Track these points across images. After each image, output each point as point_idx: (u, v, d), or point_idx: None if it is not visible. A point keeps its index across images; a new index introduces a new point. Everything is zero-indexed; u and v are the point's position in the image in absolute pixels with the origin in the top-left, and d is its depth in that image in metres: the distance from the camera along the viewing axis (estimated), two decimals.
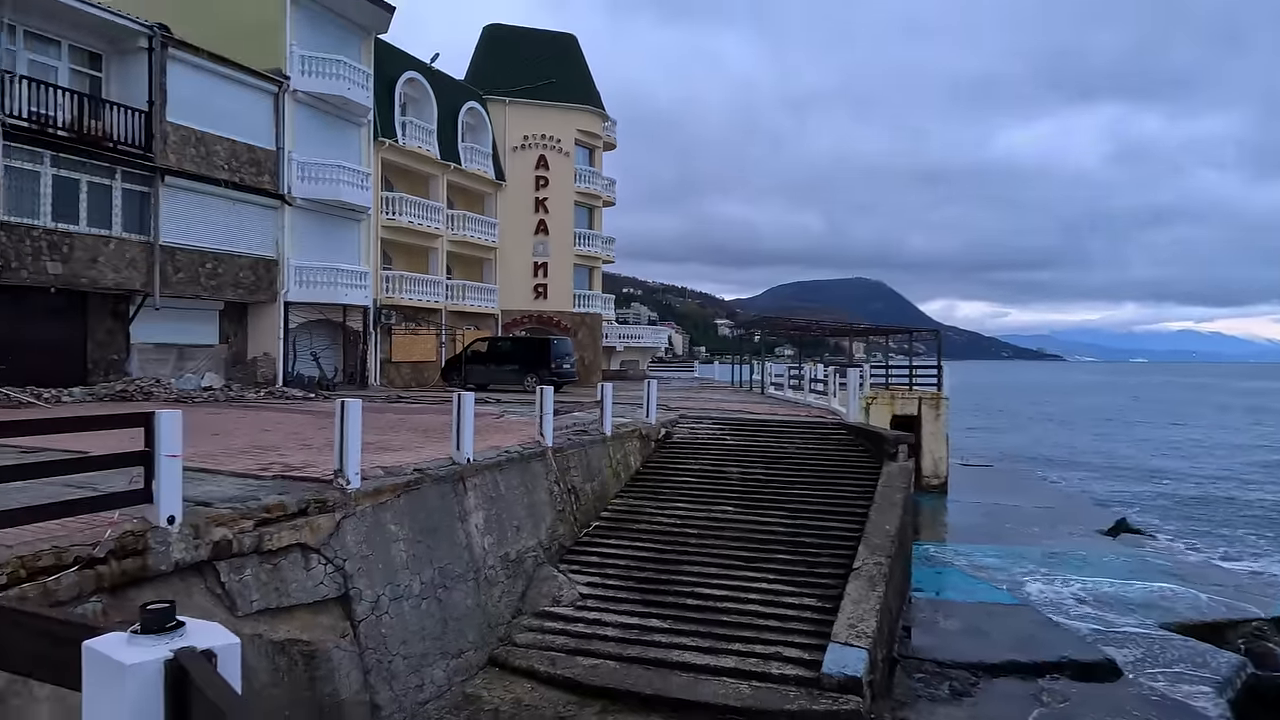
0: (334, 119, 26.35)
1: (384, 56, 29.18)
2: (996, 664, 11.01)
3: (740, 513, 13.67)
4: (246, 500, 7.79)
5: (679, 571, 11.85)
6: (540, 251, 36.52)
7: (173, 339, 22.25)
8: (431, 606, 9.43)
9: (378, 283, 28.51)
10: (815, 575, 11.63)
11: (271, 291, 24.23)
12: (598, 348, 39.38)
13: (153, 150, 20.51)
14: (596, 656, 9.87)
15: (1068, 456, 45.06)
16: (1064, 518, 24.97)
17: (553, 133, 36.65)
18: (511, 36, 38.61)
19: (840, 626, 9.80)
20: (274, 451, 10.84)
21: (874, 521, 12.50)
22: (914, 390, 29.46)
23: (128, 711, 1.48)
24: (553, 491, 12.54)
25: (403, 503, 9.43)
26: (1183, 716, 9.98)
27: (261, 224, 23.88)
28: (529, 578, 11.37)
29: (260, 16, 24.46)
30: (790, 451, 16.34)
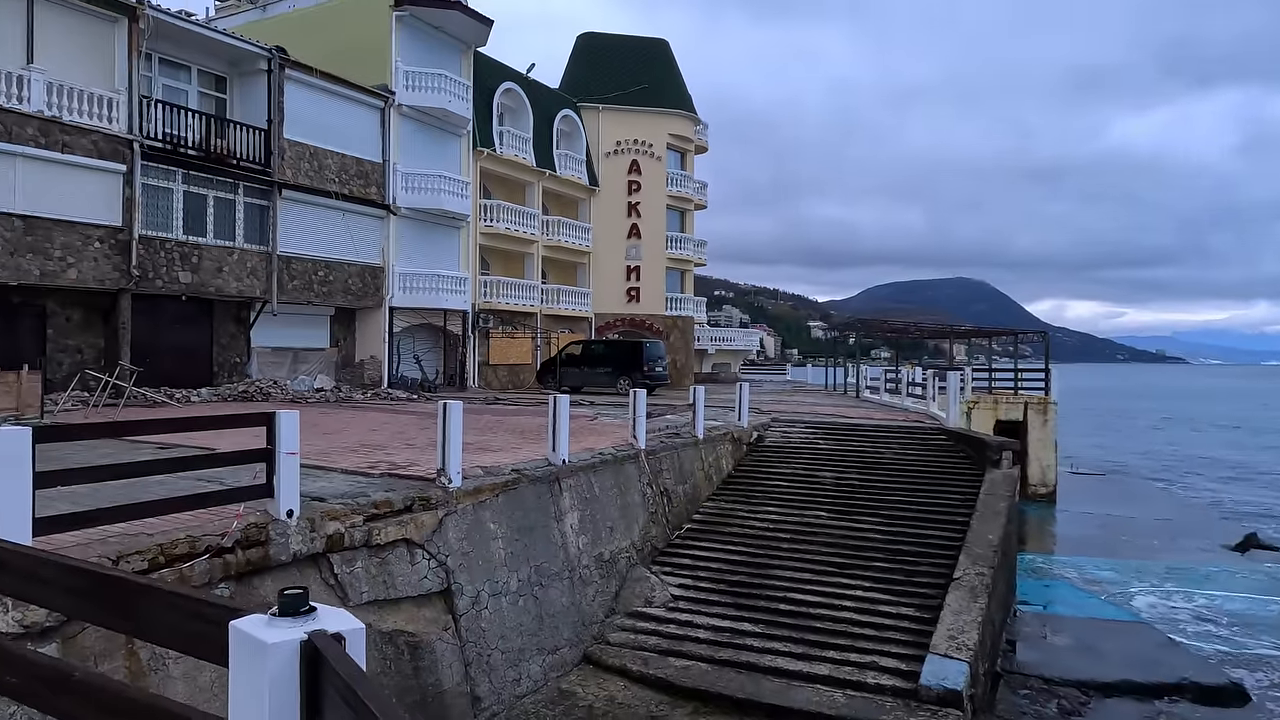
0: (435, 130, 27.34)
1: (482, 68, 30.09)
2: (1110, 683, 10.48)
3: (834, 518, 13.47)
4: (357, 496, 8.22)
5: (771, 576, 11.78)
6: (633, 255, 36.87)
7: (288, 343, 23.56)
8: (528, 603, 9.70)
9: (476, 288, 29.40)
10: (913, 584, 11.36)
11: (378, 297, 25.35)
12: (689, 351, 39.43)
13: (271, 166, 21.80)
14: (688, 658, 9.93)
15: (1189, 466, 42.25)
16: (1185, 531, 23.50)
17: (645, 138, 36.95)
18: (605, 44, 39.15)
19: (940, 637, 9.54)
20: (381, 450, 11.36)
21: (976, 530, 12.10)
22: (1019, 395, 28.30)
23: (268, 684, 1.63)
24: (645, 493, 12.68)
25: (501, 502, 9.74)
26: None
27: (369, 233, 25.02)
28: (622, 578, 11.53)
29: (369, 36, 25.64)
30: (886, 457, 15.99)
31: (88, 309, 19.07)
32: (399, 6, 25.50)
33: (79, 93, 17.65)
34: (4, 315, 17.71)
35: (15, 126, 16.62)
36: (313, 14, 26.93)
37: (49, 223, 17.25)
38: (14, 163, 16.65)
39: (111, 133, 18.20)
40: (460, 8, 26.59)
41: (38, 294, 18.06)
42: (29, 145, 16.83)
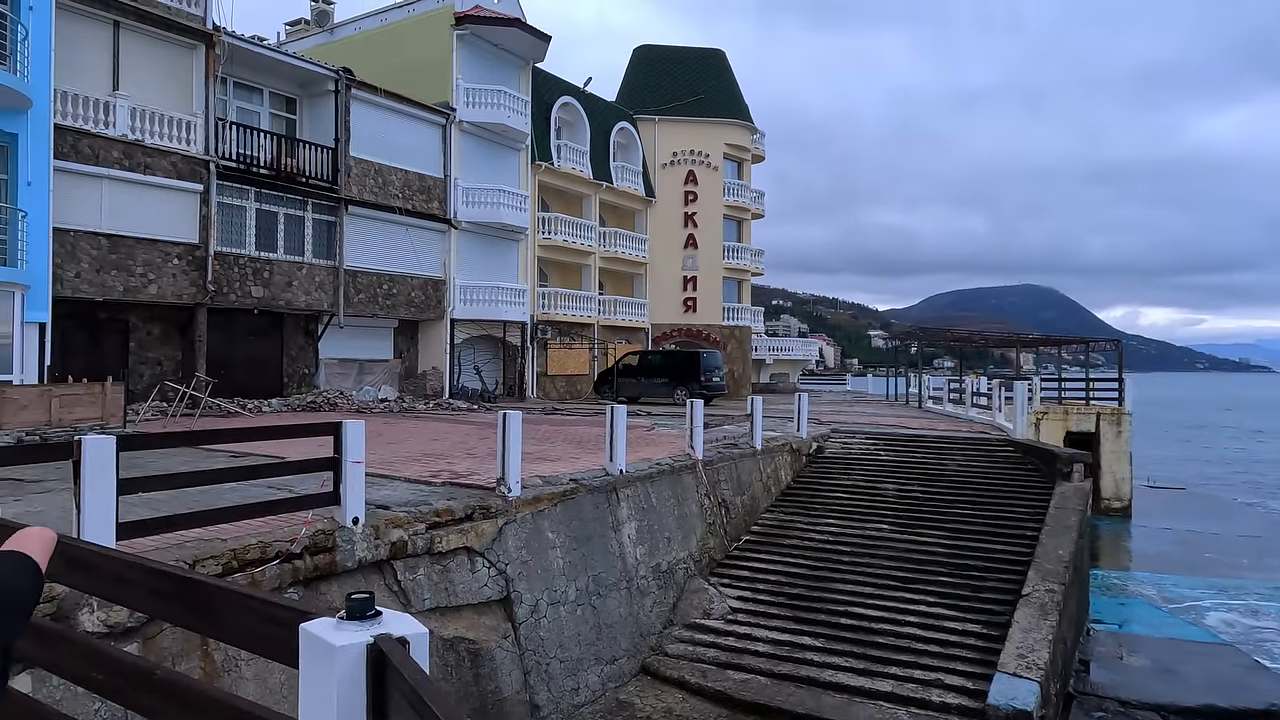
0: (495, 145, 27.84)
1: (540, 83, 30.55)
2: (1191, 708, 10.01)
3: (897, 531, 13.20)
4: (419, 505, 8.39)
5: (831, 589, 11.60)
6: (689, 265, 36.87)
7: (354, 354, 24.21)
8: (586, 613, 9.74)
9: (534, 299, 29.77)
10: (980, 600, 11.05)
11: (440, 309, 25.87)
12: (747, 361, 39.20)
13: (338, 183, 22.49)
14: (747, 671, 9.84)
15: (1269, 479, 40.15)
16: (1273, 549, 22.32)
17: (701, 148, 36.99)
18: (661, 56, 39.37)
19: (1008, 656, 9.24)
20: (442, 459, 11.57)
21: (1045, 545, 11.71)
22: (1091, 405, 27.34)
23: (336, 685, 1.68)
24: (703, 504, 12.63)
25: (559, 511, 9.82)
26: None
27: (431, 247, 25.58)
28: (680, 589, 11.49)
29: (430, 55, 26.30)
30: (951, 469, 15.61)
31: (167, 323, 19.92)
32: (460, 25, 26.10)
33: (160, 116, 18.51)
34: (90, 329, 18.63)
35: (102, 150, 17.51)
36: (377, 35, 27.76)
37: (131, 241, 18.10)
38: (100, 185, 17.54)
39: (190, 154, 19.03)
40: (519, 25, 27.07)
41: (121, 309, 18.94)
42: (114, 168, 17.71)
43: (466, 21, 26.11)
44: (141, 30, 18.57)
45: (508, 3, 27.74)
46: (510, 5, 27.77)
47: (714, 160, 37.18)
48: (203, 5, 19.45)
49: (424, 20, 26.74)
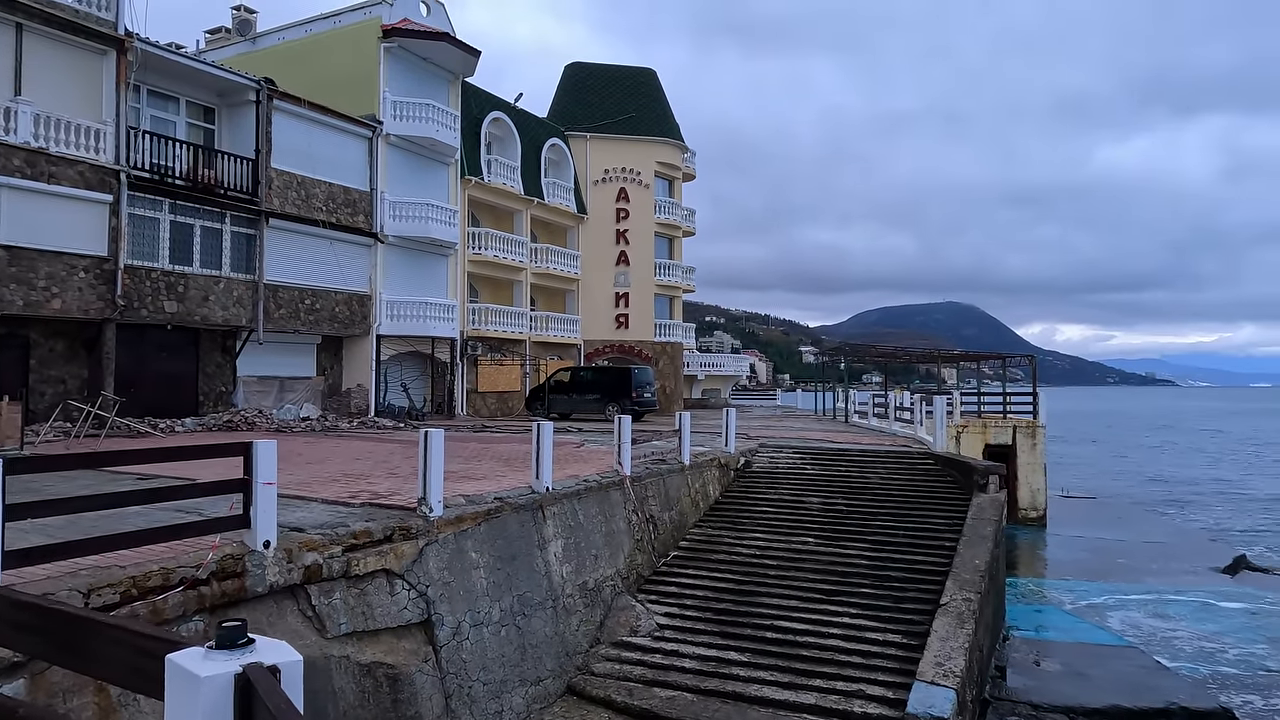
0: (423, 159, 27.51)
1: (470, 98, 30.36)
2: (1098, 709, 10.42)
3: (821, 544, 13.41)
4: (336, 526, 8.14)
5: (757, 603, 11.69)
6: (621, 282, 37.01)
7: (274, 372, 23.48)
8: (511, 633, 9.59)
9: (464, 315, 29.42)
10: (901, 610, 11.29)
11: (365, 325, 25.33)
12: (679, 376, 39.47)
13: (259, 195, 21.86)
14: (674, 688, 9.82)
15: (1180, 489, 42.33)
16: (1176, 554, 23.50)
17: (633, 165, 37.27)
18: (592, 74, 39.59)
19: (926, 664, 9.45)
20: (363, 480, 11.29)
21: (963, 555, 12.05)
22: (1008, 418, 28.39)
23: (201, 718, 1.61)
24: (631, 521, 12.61)
25: (483, 530, 9.66)
26: None
27: (356, 261, 25.06)
28: (607, 607, 11.43)
29: (357, 67, 25.88)
30: (873, 482, 15.97)
31: (72, 339, 18.98)
32: (387, 38, 25.77)
33: (66, 124, 17.71)
34: None
35: (2, 158, 16.64)
36: (301, 46, 27.20)
37: (34, 253, 17.22)
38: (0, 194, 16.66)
39: (98, 163, 18.24)
40: (449, 39, 26.88)
41: (22, 324, 17.97)
42: (15, 176, 16.84)
43: (394, 35, 25.80)
44: (47, 34, 17.77)
45: (437, 17, 27.53)
46: (440, 19, 27.58)
47: (645, 178, 37.51)
48: (114, 9, 18.73)
49: (350, 32, 26.33)
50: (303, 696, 1.73)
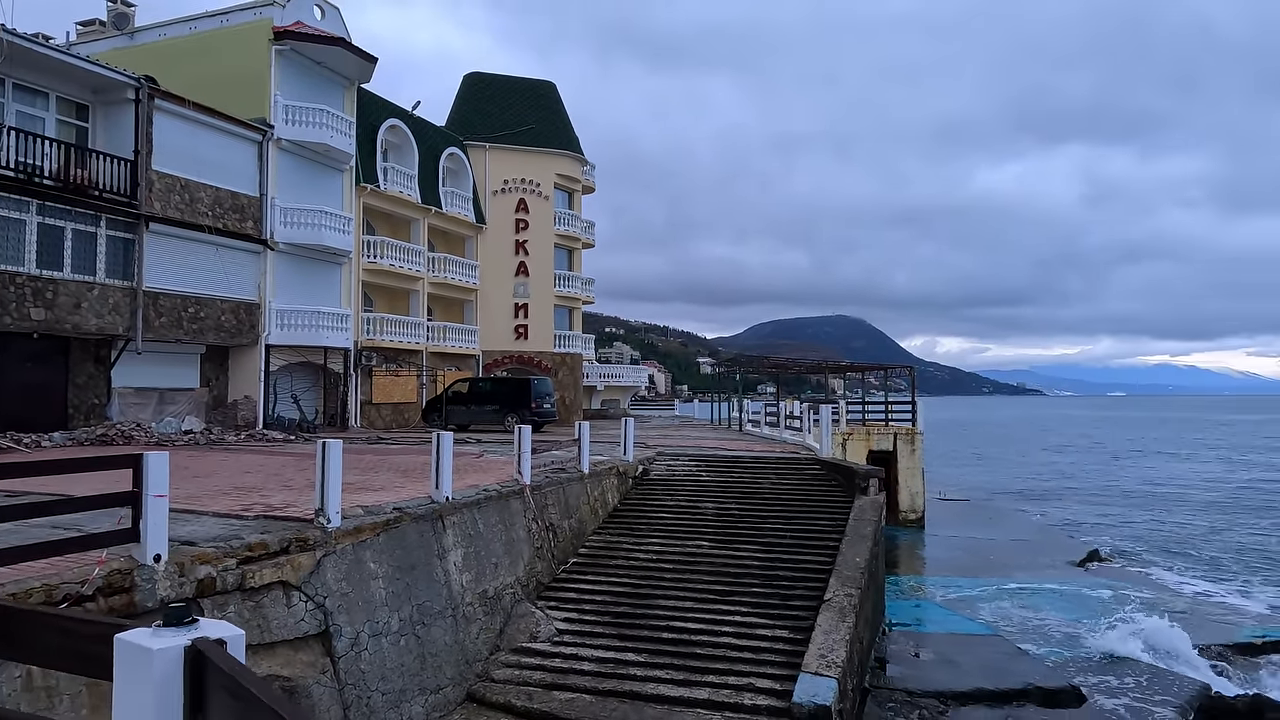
0: (317, 165, 26.85)
1: (367, 104, 29.85)
2: (965, 692, 11.30)
3: (715, 547, 13.95)
4: (230, 539, 8.03)
5: (655, 606, 12.08)
6: (521, 293, 37.01)
7: (154, 383, 22.37)
8: (410, 643, 9.62)
9: (359, 325, 28.80)
10: (788, 607, 11.90)
11: (253, 335, 24.46)
12: (578, 387, 39.71)
13: (138, 198, 20.86)
14: (573, 690, 10.07)
15: (1044, 489, 45.61)
16: (1038, 549, 25.37)
17: (532, 177, 37.40)
18: (492, 84, 39.53)
19: (811, 657, 10.05)
20: (256, 492, 11.06)
21: (845, 554, 12.81)
22: (890, 426, 29.96)
23: (154, 688, 1.81)
24: (531, 529, 12.79)
25: (382, 541, 9.67)
26: None
27: (244, 268, 24.20)
28: (507, 614, 11.57)
29: (246, 68, 25.06)
30: (764, 487, 16.68)
31: None
32: (279, 40, 25.09)
33: None
34: None
35: None
36: (185, 43, 26.12)
37: None
38: None
39: None
40: (344, 45, 26.39)
41: None
42: None
43: (286, 37, 25.14)
44: None
45: (332, 21, 26.99)
46: (335, 24, 27.04)
47: (545, 190, 37.69)
48: None
49: (239, 32, 25.48)
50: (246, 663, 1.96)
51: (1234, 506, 38.47)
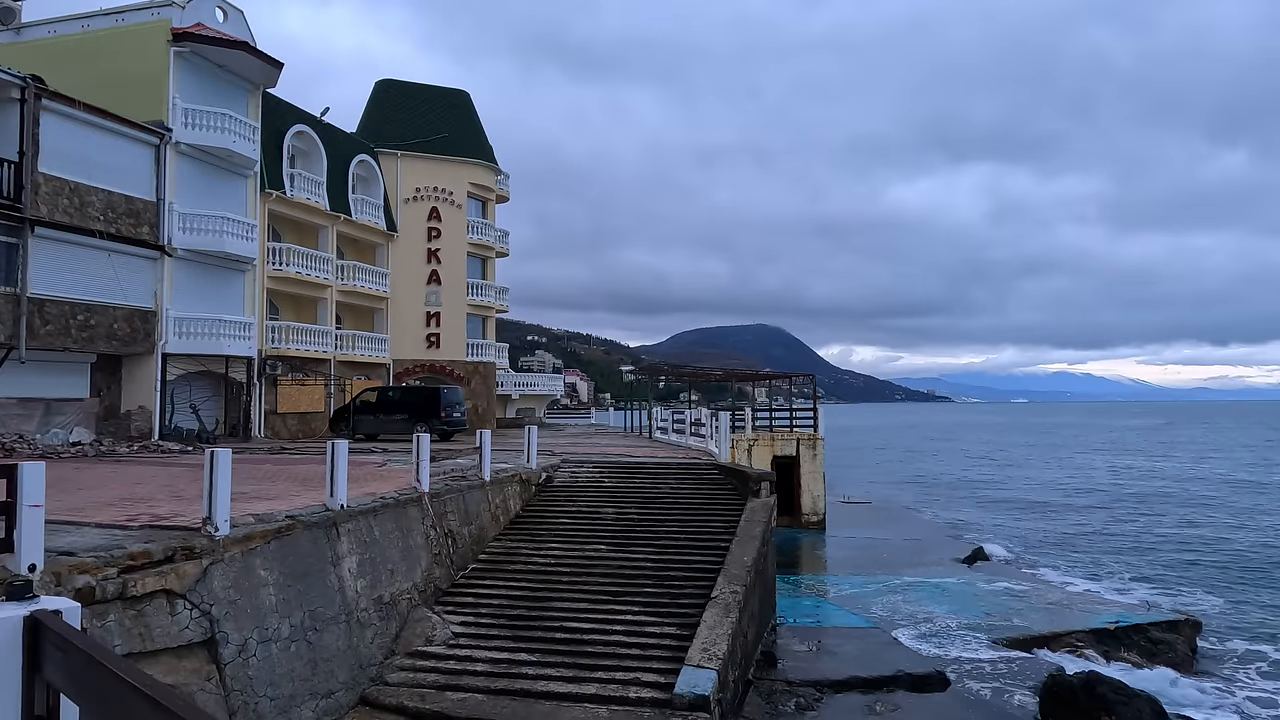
0: (218, 170, 26.28)
1: (272, 109, 29.35)
2: (840, 680, 12.07)
3: (612, 551, 14.42)
4: (112, 549, 8.06)
5: (550, 608, 12.47)
6: (433, 301, 36.84)
7: (39, 393, 21.52)
8: (301, 649, 9.75)
9: (263, 333, 28.24)
10: (677, 605, 12.46)
11: (149, 343, 23.76)
12: (491, 396, 39.70)
13: (22, 201, 20.09)
14: (466, 691, 10.36)
15: (942, 491, 47.90)
16: (928, 548, 26.78)
17: (445, 185, 37.31)
18: (404, 92, 39.26)
19: (694, 650, 10.62)
20: (144, 503, 10.97)
21: (734, 554, 13.47)
22: (794, 432, 31.10)
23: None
24: (429, 536, 13.01)
25: (273, 548, 9.78)
26: (995, 715, 11.23)
27: (139, 275, 23.50)
28: (403, 619, 11.76)
29: (143, 70, 24.38)
30: (664, 491, 17.27)
31: None
32: (178, 42, 24.51)
33: None
34: None
35: None
36: (76, 42, 25.24)
37: None
38: None
39: None
40: (247, 48, 25.94)
41: None
42: None
43: (186, 39, 24.57)
44: None
45: (235, 24, 26.50)
46: (238, 27, 26.56)
47: (458, 198, 37.66)
48: None
49: (135, 32, 24.77)
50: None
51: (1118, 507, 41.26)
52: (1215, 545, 30.24)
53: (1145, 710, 10.42)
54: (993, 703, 11.94)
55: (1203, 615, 19.82)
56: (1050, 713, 10.94)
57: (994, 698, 12.23)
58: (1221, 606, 21.79)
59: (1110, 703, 10.38)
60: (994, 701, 12.01)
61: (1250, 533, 33.10)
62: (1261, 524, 35.11)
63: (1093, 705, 10.46)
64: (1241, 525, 34.97)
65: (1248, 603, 21.91)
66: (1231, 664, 16.25)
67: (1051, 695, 10.97)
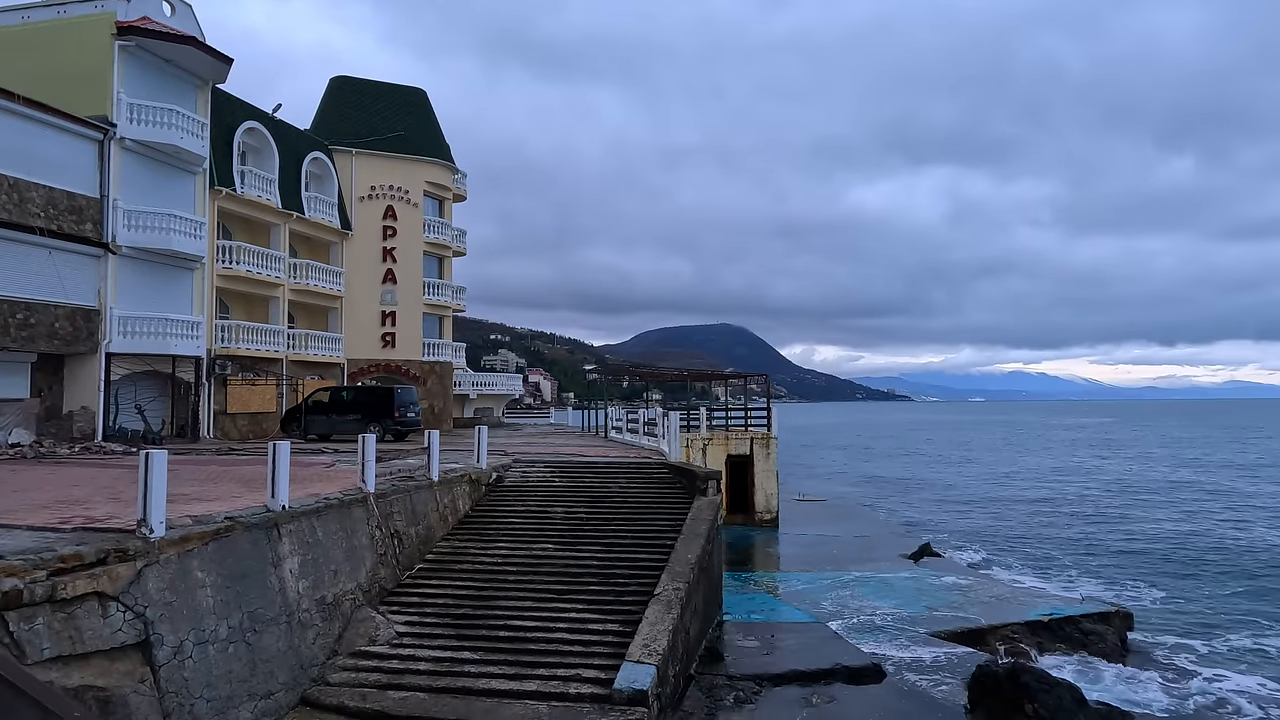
0: (166, 167, 25.85)
1: (223, 105, 28.94)
2: (779, 674, 12.35)
3: (560, 550, 14.56)
4: (42, 552, 8.01)
5: (495, 607, 12.57)
6: (388, 300, 36.58)
7: None
8: (240, 650, 9.75)
9: (212, 332, 27.84)
10: (621, 602, 12.65)
11: (92, 342, 23.31)
12: (448, 396, 39.54)
13: None
14: (407, 689, 10.44)
15: (896, 489, 48.81)
16: (878, 545, 27.29)
17: (401, 184, 37.07)
18: (359, 89, 38.89)
19: (635, 646, 10.81)
20: (79, 505, 10.87)
21: (678, 551, 13.70)
22: (748, 431, 31.49)
23: None
24: (374, 536, 13.02)
25: (211, 550, 9.75)
26: (927, 705, 11.61)
27: (82, 273, 23.04)
28: (347, 620, 11.78)
29: (86, 63, 23.90)
30: (614, 490, 17.44)
31: None
32: (123, 36, 24.06)
33: None
34: None
35: None
36: (15, 34, 24.65)
37: None
38: None
39: None
40: (195, 43, 25.55)
41: None
42: None
43: (131, 33, 24.13)
44: None
45: (183, 18, 26.08)
46: (186, 22, 26.14)
47: (414, 197, 37.44)
48: None
49: (77, 25, 24.26)
50: None
51: (1067, 504, 42.44)
52: (1160, 540, 31.38)
53: (1066, 697, 10.85)
54: (925, 693, 12.32)
55: (1142, 609, 20.61)
56: (978, 702, 11.34)
57: (927, 688, 12.62)
58: (1162, 600, 22.66)
59: (1033, 690, 10.80)
60: (927, 692, 12.39)
61: (1193, 527, 34.37)
62: (1204, 520, 36.44)
63: (1017, 693, 10.87)
64: (1185, 520, 36.27)
65: (1186, 597, 22.81)
66: (1160, 655, 16.94)
67: (979, 685, 11.37)
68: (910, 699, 11.90)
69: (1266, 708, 13.89)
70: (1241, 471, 60.52)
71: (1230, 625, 19.90)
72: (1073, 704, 10.89)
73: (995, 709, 10.98)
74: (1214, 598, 22.82)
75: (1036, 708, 10.68)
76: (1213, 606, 21.90)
